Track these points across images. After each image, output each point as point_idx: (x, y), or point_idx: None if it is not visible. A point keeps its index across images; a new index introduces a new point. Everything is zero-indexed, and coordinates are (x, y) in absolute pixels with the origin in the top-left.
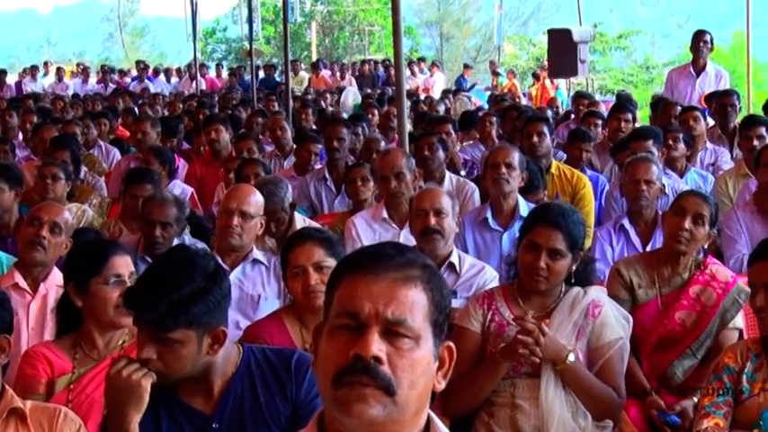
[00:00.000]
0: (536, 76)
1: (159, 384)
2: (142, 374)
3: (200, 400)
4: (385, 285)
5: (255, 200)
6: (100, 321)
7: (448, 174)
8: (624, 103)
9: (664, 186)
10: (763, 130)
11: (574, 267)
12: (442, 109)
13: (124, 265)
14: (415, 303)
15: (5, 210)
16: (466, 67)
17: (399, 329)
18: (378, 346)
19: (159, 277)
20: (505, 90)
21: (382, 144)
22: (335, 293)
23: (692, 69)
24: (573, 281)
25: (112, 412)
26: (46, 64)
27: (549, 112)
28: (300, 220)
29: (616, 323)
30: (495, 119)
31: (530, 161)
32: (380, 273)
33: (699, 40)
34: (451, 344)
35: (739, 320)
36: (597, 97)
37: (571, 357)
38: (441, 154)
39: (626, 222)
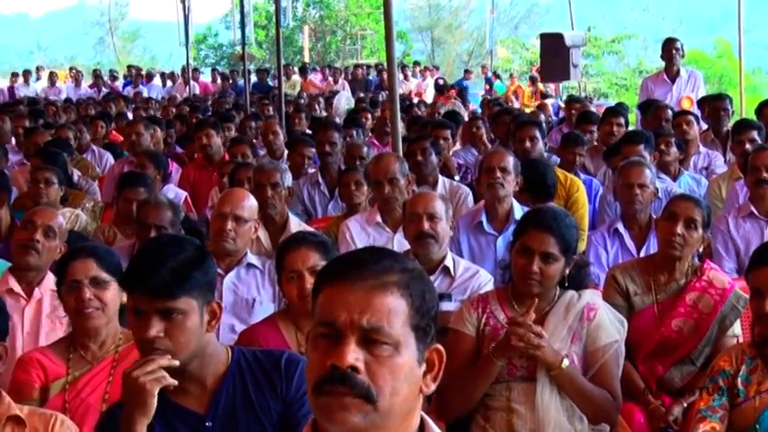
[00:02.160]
0: (533, 80)
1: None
2: (150, 378)
3: (192, 399)
4: (361, 293)
5: (249, 204)
6: (76, 326)
7: (441, 178)
8: (617, 108)
9: (657, 190)
10: (754, 133)
11: (567, 271)
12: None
13: (81, 271)
14: (392, 310)
15: None
16: (466, 72)
17: (376, 337)
18: (354, 356)
19: (155, 251)
20: (510, 93)
21: (365, 150)
22: (316, 302)
23: (666, 77)
24: (567, 284)
25: (125, 412)
26: (38, 68)
27: (542, 116)
28: (296, 223)
29: (611, 326)
30: (481, 122)
31: (547, 168)
32: (356, 281)
33: (671, 48)
34: (440, 347)
35: (737, 328)
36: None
37: (565, 362)
38: (433, 158)
39: (620, 226)
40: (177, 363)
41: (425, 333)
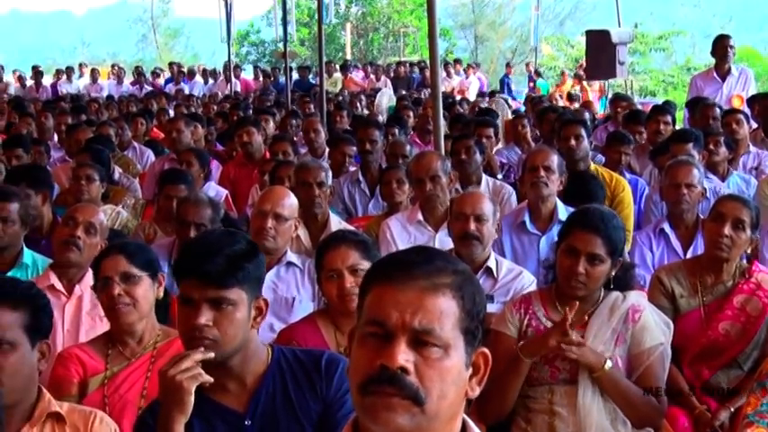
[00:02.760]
0: (578, 78)
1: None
2: (186, 376)
3: (232, 398)
4: (412, 294)
5: (289, 202)
6: (111, 322)
7: (485, 177)
8: (664, 106)
9: (705, 190)
10: None
11: (613, 273)
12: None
13: (111, 267)
14: (443, 312)
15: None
16: (508, 66)
17: (427, 339)
18: (404, 357)
19: (209, 240)
20: (569, 90)
21: (408, 148)
22: (365, 301)
23: (716, 74)
24: (612, 286)
25: (162, 410)
26: (81, 65)
27: (587, 115)
28: (336, 222)
29: (656, 328)
30: (525, 120)
31: (598, 186)
32: (408, 281)
33: (725, 45)
34: (486, 350)
35: None
36: (636, 99)
37: (608, 364)
38: (477, 157)
39: (666, 226)
40: (212, 355)
41: (474, 336)
